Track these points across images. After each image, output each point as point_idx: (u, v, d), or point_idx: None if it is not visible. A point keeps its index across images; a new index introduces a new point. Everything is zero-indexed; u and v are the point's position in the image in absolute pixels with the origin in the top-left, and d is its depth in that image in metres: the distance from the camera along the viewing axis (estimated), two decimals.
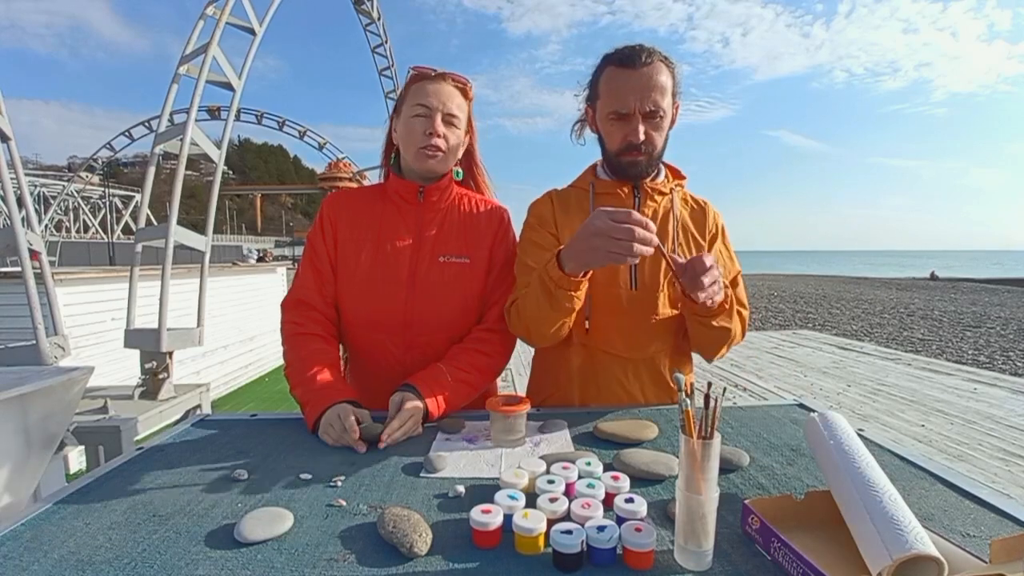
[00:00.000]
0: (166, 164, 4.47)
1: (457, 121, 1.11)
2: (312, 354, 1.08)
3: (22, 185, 2.69)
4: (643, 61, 1.03)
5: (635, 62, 1.03)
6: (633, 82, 1.04)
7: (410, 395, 1.00)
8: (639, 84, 1.03)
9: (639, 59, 1.03)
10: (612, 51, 1.08)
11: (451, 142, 1.11)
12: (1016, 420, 4.10)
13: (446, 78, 1.11)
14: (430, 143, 1.08)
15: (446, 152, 1.11)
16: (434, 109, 1.08)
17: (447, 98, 1.09)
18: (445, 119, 1.09)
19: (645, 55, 1.04)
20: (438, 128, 1.08)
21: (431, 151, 1.09)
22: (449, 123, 1.10)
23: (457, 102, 1.11)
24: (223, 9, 3.77)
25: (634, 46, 1.06)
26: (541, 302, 0.98)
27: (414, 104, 1.09)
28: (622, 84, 1.05)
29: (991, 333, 10.31)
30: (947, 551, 0.54)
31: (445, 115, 1.09)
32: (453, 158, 1.15)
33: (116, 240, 22.51)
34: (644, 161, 1.09)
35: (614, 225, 0.80)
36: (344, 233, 1.16)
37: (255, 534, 0.63)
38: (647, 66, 1.03)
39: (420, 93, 1.09)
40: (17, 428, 1.19)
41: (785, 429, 1.02)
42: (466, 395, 1.09)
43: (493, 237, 1.19)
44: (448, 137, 1.10)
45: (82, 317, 4.37)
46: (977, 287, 22.67)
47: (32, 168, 62.17)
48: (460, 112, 1.12)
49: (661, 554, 0.60)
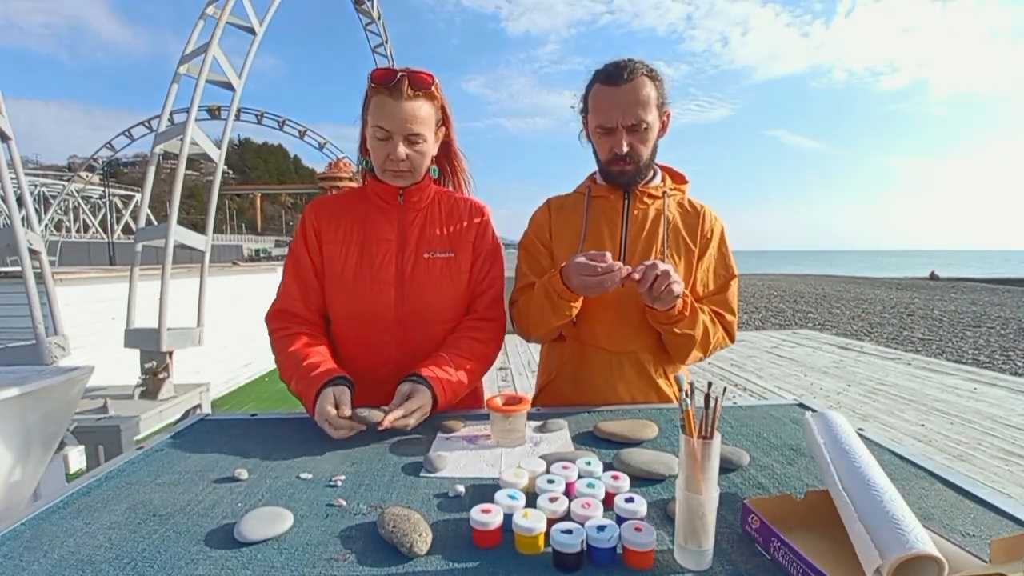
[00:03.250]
0: (166, 164, 4.48)
1: (422, 136, 1.07)
2: (302, 348, 1.07)
3: (22, 185, 2.69)
4: (625, 78, 1.10)
5: (618, 79, 1.10)
6: (617, 98, 1.11)
7: (420, 386, 1.00)
8: (622, 100, 1.10)
9: (622, 76, 1.10)
10: (601, 67, 1.15)
11: (416, 158, 1.09)
12: (1016, 420, 4.09)
13: (404, 91, 1.03)
14: (394, 168, 1.08)
15: (411, 169, 1.10)
16: (394, 133, 1.05)
17: (407, 119, 1.04)
18: (407, 140, 1.06)
19: (628, 71, 1.10)
20: (399, 153, 1.06)
21: (396, 172, 1.10)
22: (413, 141, 1.07)
23: (421, 116, 1.06)
24: (223, 9, 3.77)
25: (619, 62, 1.12)
26: (545, 309, 1.10)
27: (375, 125, 1.05)
28: (606, 100, 1.12)
29: (991, 333, 10.31)
30: (947, 551, 0.54)
31: (407, 136, 1.06)
32: (424, 166, 1.13)
33: (116, 240, 22.52)
34: (632, 170, 1.16)
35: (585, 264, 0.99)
36: (328, 236, 1.16)
37: (255, 534, 0.63)
38: (629, 82, 1.10)
39: (380, 113, 1.04)
40: (17, 428, 1.19)
41: (785, 429, 1.02)
42: (469, 383, 1.09)
43: (475, 231, 1.20)
44: (412, 156, 1.08)
45: (82, 317, 4.37)
46: (977, 287, 22.68)
47: (32, 168, 62.14)
48: (424, 126, 1.07)
49: (661, 554, 0.60)
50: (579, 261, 1.00)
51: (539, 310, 1.12)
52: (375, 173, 1.14)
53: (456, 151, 1.25)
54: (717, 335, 1.16)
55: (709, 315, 1.14)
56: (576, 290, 1.03)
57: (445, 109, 1.16)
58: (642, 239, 1.18)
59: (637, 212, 1.20)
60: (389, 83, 1.03)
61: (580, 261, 1.00)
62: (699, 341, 1.11)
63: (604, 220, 1.21)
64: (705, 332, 1.11)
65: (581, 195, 1.26)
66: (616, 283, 0.98)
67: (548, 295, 1.08)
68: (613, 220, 1.21)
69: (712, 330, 1.13)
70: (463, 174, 1.29)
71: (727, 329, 1.19)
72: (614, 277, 0.97)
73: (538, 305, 1.12)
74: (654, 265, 0.98)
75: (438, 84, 1.10)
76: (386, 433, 1.00)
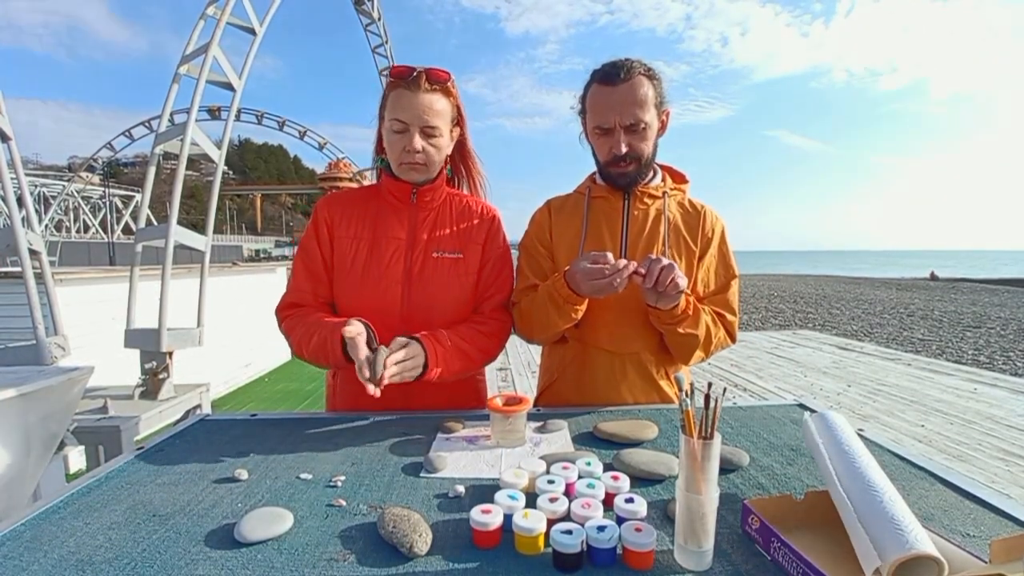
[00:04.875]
0: (166, 164, 4.47)
1: (438, 130, 1.09)
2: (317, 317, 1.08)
3: (22, 185, 2.69)
4: (622, 78, 1.09)
5: (615, 79, 1.09)
6: (614, 98, 1.10)
7: (413, 343, 1.00)
8: (619, 100, 1.09)
9: (619, 76, 1.09)
10: (598, 67, 1.14)
11: (432, 152, 1.10)
12: (1016, 420, 4.09)
13: (422, 84, 1.06)
14: (410, 160, 1.09)
15: (427, 163, 1.11)
16: (411, 124, 1.07)
17: (424, 110, 1.06)
18: (424, 132, 1.08)
19: (624, 71, 1.09)
20: (416, 145, 1.07)
21: (411, 165, 1.10)
22: (429, 134, 1.09)
23: (437, 108, 1.08)
24: (223, 9, 3.77)
25: (616, 62, 1.11)
26: (550, 312, 1.09)
27: (392, 118, 1.08)
28: (603, 100, 1.12)
29: (991, 333, 10.30)
30: (947, 551, 0.54)
31: (423, 128, 1.08)
32: (439, 162, 1.14)
33: (116, 240, 22.52)
34: (632, 170, 1.15)
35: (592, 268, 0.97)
36: (340, 232, 1.16)
37: (255, 534, 0.63)
38: (626, 82, 1.09)
39: (397, 105, 1.07)
40: (17, 428, 1.19)
41: (785, 429, 1.02)
42: (463, 365, 1.07)
43: (485, 234, 1.20)
44: (428, 149, 1.09)
45: (82, 317, 4.37)
46: (977, 287, 22.67)
47: (32, 168, 62.18)
48: (441, 119, 1.09)
49: (661, 554, 0.60)
50: (585, 267, 0.98)
51: (543, 313, 1.11)
52: (391, 171, 1.16)
53: (471, 152, 1.26)
54: (719, 335, 1.15)
55: (711, 315, 1.14)
56: (586, 295, 1.03)
57: (460, 109, 1.17)
58: (643, 239, 1.18)
59: (637, 212, 1.20)
60: (407, 77, 1.07)
61: (586, 267, 0.98)
62: (702, 341, 1.11)
63: (604, 221, 1.21)
64: (708, 332, 1.11)
65: (581, 196, 1.26)
66: (625, 281, 0.97)
67: (553, 299, 1.07)
68: (613, 220, 1.20)
69: (714, 330, 1.13)
70: (479, 176, 1.29)
71: (728, 329, 1.18)
72: (623, 275, 0.96)
73: (542, 309, 1.11)
74: (657, 259, 0.96)
75: (454, 82, 1.13)
76: (386, 433, 1.00)
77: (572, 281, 1.03)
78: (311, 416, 1.11)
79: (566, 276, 1.05)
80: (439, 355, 1.02)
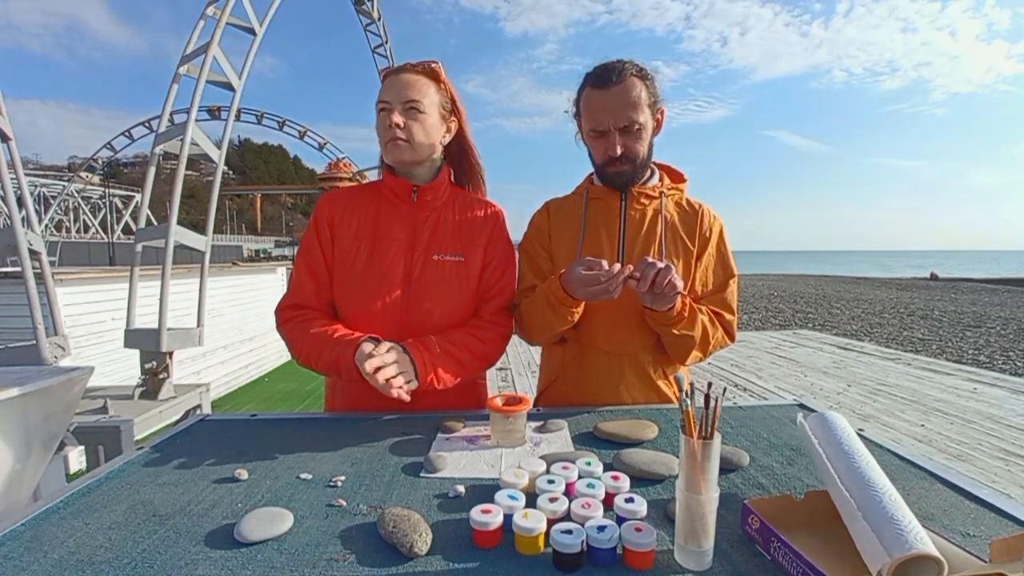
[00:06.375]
0: (166, 164, 4.47)
1: (420, 105, 1.09)
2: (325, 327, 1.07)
3: (22, 185, 2.69)
4: (615, 80, 1.09)
5: (607, 81, 1.09)
6: (607, 101, 1.10)
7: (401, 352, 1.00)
8: (612, 102, 1.09)
9: (611, 78, 1.09)
10: (591, 70, 1.14)
11: (415, 129, 1.09)
12: (1016, 420, 4.10)
13: (406, 68, 1.11)
14: (392, 135, 1.09)
15: (410, 140, 1.09)
16: (392, 102, 1.09)
17: (404, 87, 1.08)
18: (405, 108, 1.08)
19: (616, 74, 1.09)
20: (395, 119, 1.07)
21: (393, 142, 1.09)
22: (411, 109, 1.09)
23: (418, 87, 1.09)
24: (223, 9, 3.77)
25: (608, 64, 1.12)
26: (547, 314, 1.10)
27: (378, 101, 1.11)
28: (596, 103, 1.11)
29: (991, 333, 10.30)
30: (947, 551, 0.54)
31: (404, 104, 1.08)
32: (426, 145, 1.12)
33: (116, 240, 22.53)
34: (629, 170, 1.15)
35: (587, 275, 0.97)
36: (341, 231, 1.15)
37: (255, 534, 0.63)
38: (619, 84, 1.09)
39: (382, 90, 1.10)
40: (17, 428, 1.19)
41: (785, 429, 1.02)
42: (455, 372, 1.07)
43: (488, 236, 1.19)
44: (411, 126, 1.09)
45: (82, 317, 4.37)
46: (977, 287, 22.67)
47: (32, 168, 62.15)
48: (424, 96, 1.09)
49: (661, 554, 0.60)
50: (581, 273, 0.98)
51: (541, 316, 1.11)
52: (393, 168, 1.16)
53: (471, 147, 1.24)
54: (717, 335, 1.15)
55: (708, 315, 1.14)
56: (582, 299, 1.03)
57: (456, 101, 1.17)
58: (640, 240, 1.18)
59: (634, 212, 1.20)
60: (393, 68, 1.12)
61: (581, 273, 0.98)
62: (698, 342, 1.11)
63: (602, 221, 1.21)
64: (704, 332, 1.11)
65: (579, 197, 1.26)
66: (621, 286, 0.97)
67: (550, 302, 1.08)
68: (611, 221, 1.20)
69: (711, 330, 1.13)
70: (476, 157, 1.27)
71: (727, 329, 1.18)
72: (618, 280, 0.96)
73: (540, 311, 1.11)
74: (652, 263, 0.96)
75: (444, 70, 1.14)
76: (386, 433, 1.00)
77: (568, 286, 1.03)
78: (311, 416, 1.11)
79: (561, 279, 1.05)
80: (426, 362, 1.01)
